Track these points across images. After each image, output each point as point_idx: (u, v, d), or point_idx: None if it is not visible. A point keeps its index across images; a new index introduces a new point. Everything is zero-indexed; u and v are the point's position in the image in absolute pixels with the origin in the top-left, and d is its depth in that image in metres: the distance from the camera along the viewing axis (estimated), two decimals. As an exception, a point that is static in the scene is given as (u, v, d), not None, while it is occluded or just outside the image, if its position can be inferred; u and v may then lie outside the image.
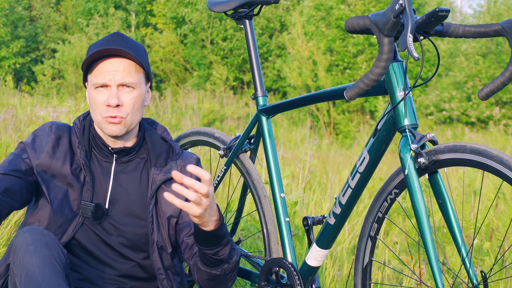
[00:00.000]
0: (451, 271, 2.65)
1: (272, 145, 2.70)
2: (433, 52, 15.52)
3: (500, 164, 1.94)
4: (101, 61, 2.30)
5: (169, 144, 2.47)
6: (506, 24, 2.07)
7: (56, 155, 2.33)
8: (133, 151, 2.40)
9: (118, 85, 2.29)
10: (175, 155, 2.45)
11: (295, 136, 12.99)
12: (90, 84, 2.33)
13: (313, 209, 4.78)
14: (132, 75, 2.31)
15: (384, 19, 1.97)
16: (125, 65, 2.30)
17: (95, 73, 2.31)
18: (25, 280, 2.05)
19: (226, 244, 2.24)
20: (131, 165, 2.40)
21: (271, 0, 2.70)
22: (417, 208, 2.09)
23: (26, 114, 8.07)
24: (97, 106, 2.30)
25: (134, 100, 2.31)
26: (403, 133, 2.14)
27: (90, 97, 2.34)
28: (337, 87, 2.35)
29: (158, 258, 2.35)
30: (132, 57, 2.29)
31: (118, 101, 2.27)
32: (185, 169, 2.43)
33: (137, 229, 2.36)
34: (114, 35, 2.33)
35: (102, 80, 2.29)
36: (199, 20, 19.02)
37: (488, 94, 2.08)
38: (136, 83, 2.31)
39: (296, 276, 2.48)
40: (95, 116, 2.33)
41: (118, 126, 2.30)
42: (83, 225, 2.31)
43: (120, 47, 2.28)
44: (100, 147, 2.38)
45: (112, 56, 2.29)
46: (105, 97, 2.29)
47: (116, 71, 2.28)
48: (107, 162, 2.38)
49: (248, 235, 3.55)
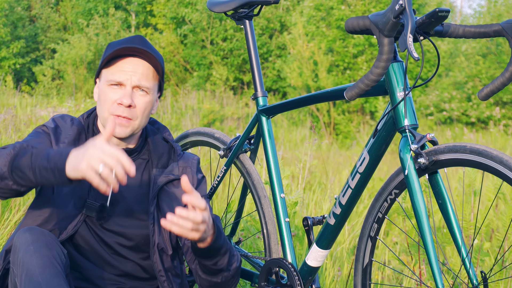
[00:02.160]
0: (451, 271, 2.65)
1: (272, 145, 2.70)
2: (433, 53, 15.52)
3: (500, 165, 1.94)
4: (122, 59, 2.30)
5: (170, 145, 2.47)
6: (506, 25, 2.07)
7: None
8: (135, 152, 2.40)
9: (133, 87, 2.29)
10: (177, 156, 2.45)
11: (295, 136, 12.99)
12: (104, 80, 2.31)
13: (313, 209, 4.78)
14: (149, 80, 2.31)
15: (384, 19, 1.97)
16: (144, 69, 2.30)
17: (112, 70, 2.30)
18: (25, 280, 2.04)
19: (225, 254, 2.27)
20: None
21: (271, 0, 2.70)
22: (417, 208, 2.09)
23: (26, 115, 8.07)
24: (107, 102, 2.29)
25: (145, 105, 2.31)
26: (403, 133, 2.14)
27: (101, 92, 2.32)
28: (337, 88, 2.35)
29: (159, 260, 2.34)
30: (153, 59, 2.29)
31: (131, 101, 2.27)
32: (186, 170, 2.43)
33: (137, 230, 2.36)
34: (137, 36, 2.33)
35: (119, 78, 2.28)
36: (199, 20, 19.02)
37: (488, 94, 2.08)
38: (150, 88, 2.32)
39: (296, 277, 2.48)
40: (102, 112, 2.32)
41: (124, 129, 2.29)
42: (84, 223, 2.31)
43: (144, 48, 2.28)
44: None
45: (133, 56, 2.29)
46: (117, 95, 2.28)
47: (134, 72, 2.28)
48: None
49: (248, 235, 3.55)
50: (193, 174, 2.44)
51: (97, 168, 1.86)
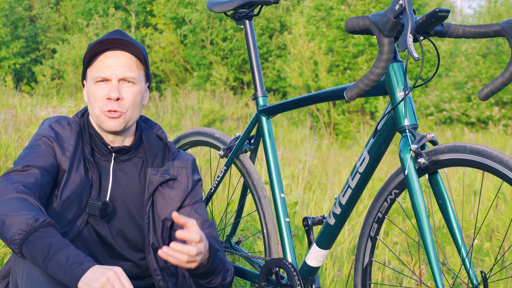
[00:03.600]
0: (451, 271, 2.65)
1: (272, 145, 2.70)
2: (433, 53, 15.52)
3: (500, 165, 1.95)
4: (102, 54, 2.30)
5: (164, 143, 2.46)
6: (506, 25, 2.07)
7: (77, 153, 2.31)
8: (132, 150, 2.40)
9: (119, 80, 2.28)
10: (172, 155, 2.45)
11: (295, 136, 12.99)
12: (89, 79, 2.31)
13: (313, 209, 4.79)
14: (133, 70, 2.30)
15: (384, 19, 1.97)
16: (127, 60, 2.30)
17: (95, 67, 2.30)
18: (26, 279, 2.05)
19: (219, 273, 2.31)
20: (129, 164, 2.39)
21: (271, 0, 2.70)
22: (417, 208, 2.10)
23: (26, 115, 8.07)
24: (96, 100, 2.29)
25: (134, 96, 2.31)
26: (403, 133, 2.15)
27: (89, 91, 2.32)
28: (337, 87, 2.36)
29: (153, 259, 2.35)
30: (134, 48, 2.29)
31: (119, 94, 2.26)
32: (181, 171, 2.44)
33: (135, 228, 2.36)
34: (116, 30, 2.33)
35: (103, 74, 2.28)
36: (199, 20, 19.03)
37: (488, 94, 2.08)
38: (136, 78, 2.31)
39: (296, 277, 2.48)
40: (93, 111, 2.31)
41: (117, 121, 2.29)
42: (86, 225, 2.31)
43: (122, 37, 2.28)
44: (99, 145, 2.35)
45: (113, 49, 2.29)
46: (105, 91, 2.28)
47: (117, 66, 2.28)
48: (105, 161, 2.36)
49: (248, 235, 3.55)
50: (188, 176, 2.44)
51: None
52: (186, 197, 2.42)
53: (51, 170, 2.24)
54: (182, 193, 2.41)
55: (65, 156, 2.27)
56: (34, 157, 2.23)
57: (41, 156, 2.24)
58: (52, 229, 2.00)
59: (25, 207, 2.03)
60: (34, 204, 2.06)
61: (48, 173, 2.22)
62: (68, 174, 2.26)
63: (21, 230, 1.98)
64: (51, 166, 2.24)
